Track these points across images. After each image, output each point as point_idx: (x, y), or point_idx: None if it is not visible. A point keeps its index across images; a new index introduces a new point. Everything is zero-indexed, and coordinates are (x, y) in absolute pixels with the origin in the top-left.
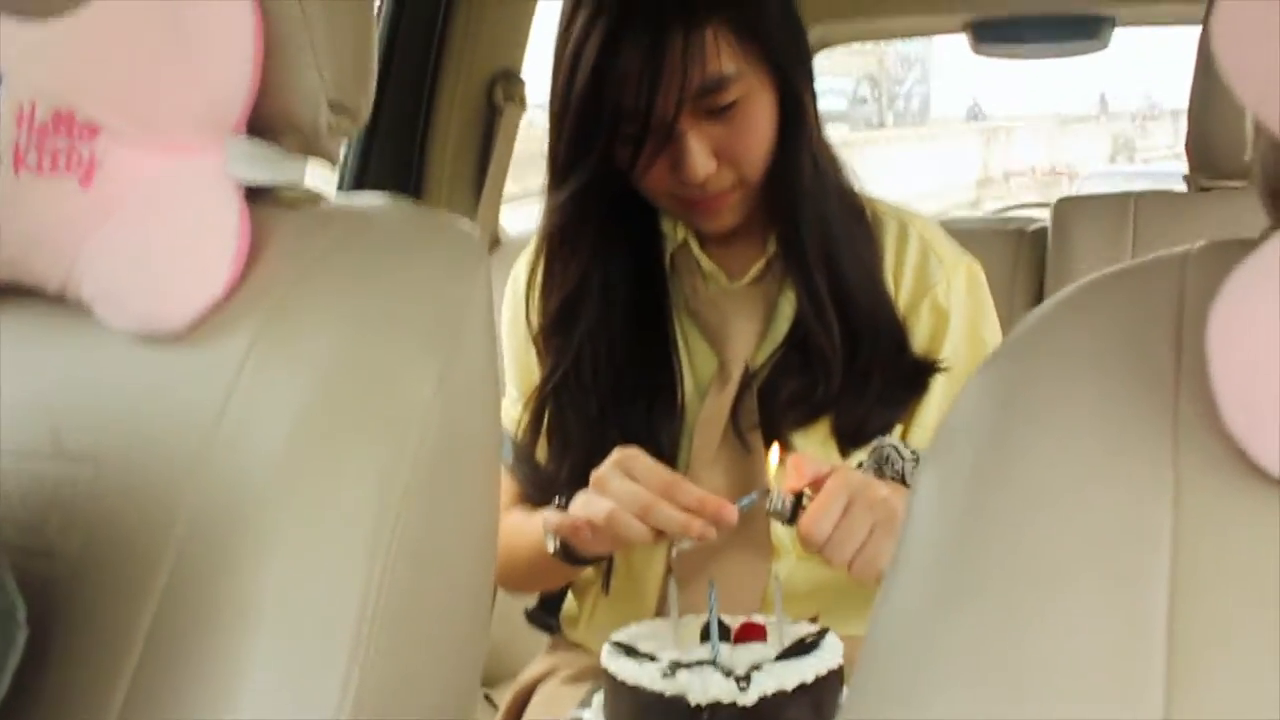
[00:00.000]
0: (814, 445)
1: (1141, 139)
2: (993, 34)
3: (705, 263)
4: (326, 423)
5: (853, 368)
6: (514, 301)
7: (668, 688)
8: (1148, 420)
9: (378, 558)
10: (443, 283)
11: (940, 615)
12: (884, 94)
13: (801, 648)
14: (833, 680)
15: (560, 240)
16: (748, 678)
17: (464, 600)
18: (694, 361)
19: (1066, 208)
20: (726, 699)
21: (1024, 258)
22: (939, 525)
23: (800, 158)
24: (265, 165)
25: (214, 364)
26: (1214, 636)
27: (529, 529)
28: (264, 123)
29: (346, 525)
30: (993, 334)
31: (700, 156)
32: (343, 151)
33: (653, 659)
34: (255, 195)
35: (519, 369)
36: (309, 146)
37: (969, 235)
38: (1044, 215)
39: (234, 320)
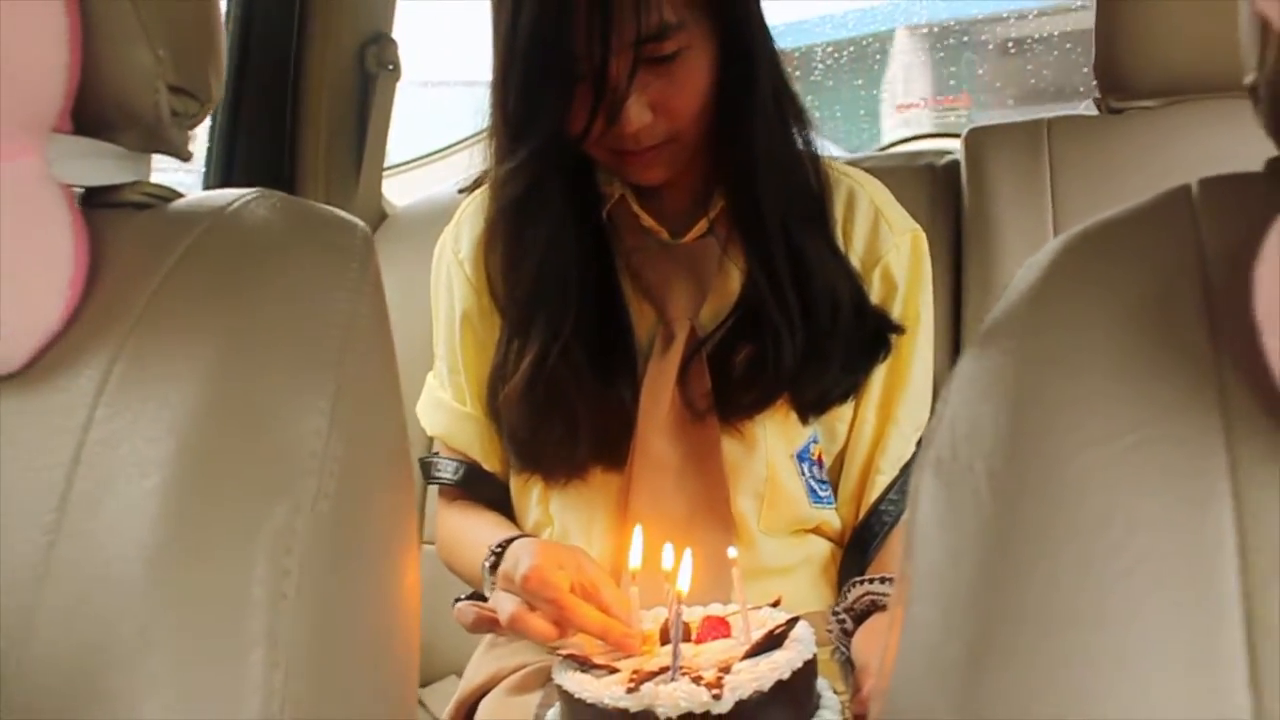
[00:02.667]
0: (774, 423)
1: None
2: None
3: (644, 219)
4: (199, 481)
5: (811, 340)
6: (448, 277)
7: (632, 703)
8: (1188, 397)
9: (280, 649)
10: (325, 290)
11: (975, 674)
12: None
13: (772, 641)
14: (808, 672)
15: (520, 210)
16: (719, 683)
17: (387, 675)
18: (636, 321)
19: (978, 138)
20: (699, 710)
21: (939, 193)
22: (954, 557)
23: (751, 117)
24: (99, 165)
25: (57, 412)
26: None
27: (471, 554)
28: (96, 116)
29: (236, 615)
30: (928, 309)
31: (636, 107)
32: (205, 144)
33: (612, 670)
34: (97, 201)
35: (453, 346)
36: (151, 138)
37: (877, 175)
38: (953, 145)
39: (78, 353)
